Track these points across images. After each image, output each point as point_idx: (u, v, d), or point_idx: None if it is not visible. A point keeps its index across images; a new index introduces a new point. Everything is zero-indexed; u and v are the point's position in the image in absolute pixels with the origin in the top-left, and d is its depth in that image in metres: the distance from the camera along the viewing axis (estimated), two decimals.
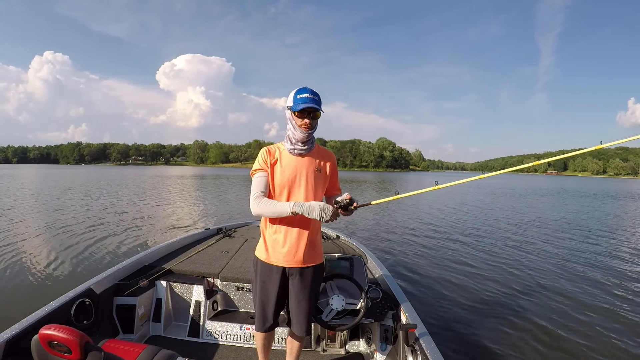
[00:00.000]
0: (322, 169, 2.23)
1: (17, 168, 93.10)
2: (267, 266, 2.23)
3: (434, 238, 10.17)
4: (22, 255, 7.13)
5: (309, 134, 2.14)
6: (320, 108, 2.08)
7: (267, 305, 2.25)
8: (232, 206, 16.36)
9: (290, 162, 2.17)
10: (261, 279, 2.25)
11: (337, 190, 2.41)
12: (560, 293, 5.86)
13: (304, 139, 2.13)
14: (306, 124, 2.08)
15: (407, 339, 2.44)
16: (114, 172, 62.34)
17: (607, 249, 9.29)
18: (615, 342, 4.32)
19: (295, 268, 2.21)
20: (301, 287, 2.24)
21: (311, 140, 2.21)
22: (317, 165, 2.21)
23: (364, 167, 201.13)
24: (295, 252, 2.18)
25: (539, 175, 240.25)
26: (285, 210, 1.99)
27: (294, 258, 2.18)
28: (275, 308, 2.26)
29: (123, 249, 7.95)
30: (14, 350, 1.96)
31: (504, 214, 16.05)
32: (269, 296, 2.24)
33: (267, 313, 2.26)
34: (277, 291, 2.23)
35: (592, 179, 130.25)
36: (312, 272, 2.27)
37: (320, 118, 2.14)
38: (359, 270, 2.96)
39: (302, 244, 2.18)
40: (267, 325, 2.28)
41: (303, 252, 2.19)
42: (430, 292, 5.70)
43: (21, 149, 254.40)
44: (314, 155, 2.23)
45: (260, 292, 2.26)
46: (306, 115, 2.07)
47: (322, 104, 2.12)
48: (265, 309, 2.26)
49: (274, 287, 2.22)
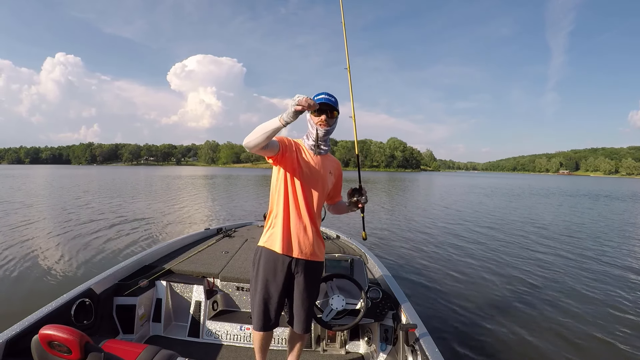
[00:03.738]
0: (333, 173, 2.35)
1: (28, 168, 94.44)
2: (273, 258, 2.20)
3: (434, 238, 10.12)
4: (22, 255, 7.17)
5: (327, 131, 2.19)
6: (336, 107, 2.17)
7: (270, 302, 2.22)
8: (241, 206, 16.42)
9: (313, 159, 2.23)
10: (264, 276, 2.20)
11: (338, 197, 2.56)
12: (561, 294, 5.83)
13: (323, 137, 2.19)
14: (322, 121, 2.14)
15: (407, 339, 2.43)
16: (124, 173, 62.87)
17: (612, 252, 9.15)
18: (615, 343, 4.29)
19: (302, 261, 2.22)
20: (306, 283, 2.25)
21: (328, 143, 2.29)
22: (331, 169, 2.32)
23: (375, 167, 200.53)
24: (305, 243, 2.21)
25: (550, 175, 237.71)
26: (275, 122, 1.83)
27: (303, 249, 2.20)
28: (278, 305, 2.24)
29: (123, 249, 7.99)
30: (14, 350, 1.97)
31: (504, 215, 15.87)
32: (271, 294, 2.21)
33: (269, 312, 2.22)
34: (280, 289, 2.21)
35: (604, 179, 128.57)
36: (317, 269, 2.33)
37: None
38: (359, 270, 2.95)
39: (311, 237, 2.22)
40: (270, 324, 2.25)
41: (312, 245, 2.23)
42: (430, 292, 5.69)
43: (33, 149, 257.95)
44: (328, 159, 2.33)
45: (263, 290, 2.21)
46: (323, 113, 2.14)
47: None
48: (267, 306, 2.22)
49: (278, 285, 2.21)
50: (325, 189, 2.29)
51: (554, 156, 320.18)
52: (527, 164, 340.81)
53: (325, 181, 2.26)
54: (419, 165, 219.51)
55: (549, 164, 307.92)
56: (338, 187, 2.47)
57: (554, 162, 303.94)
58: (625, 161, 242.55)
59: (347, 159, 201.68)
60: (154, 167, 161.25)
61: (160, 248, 3.90)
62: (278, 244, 2.18)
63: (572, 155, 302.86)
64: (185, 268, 3.49)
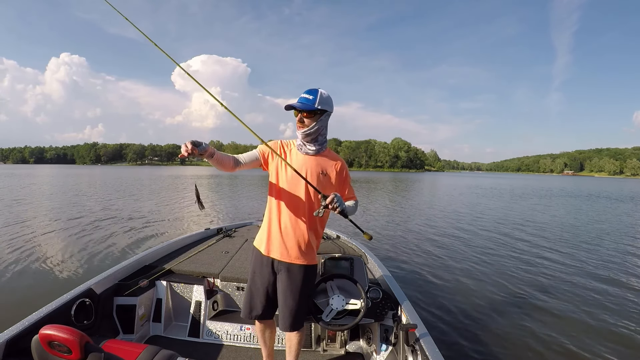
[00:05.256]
0: (327, 174, 2.24)
1: (32, 168, 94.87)
2: (259, 256, 2.31)
3: (434, 238, 10.09)
4: (23, 255, 7.18)
5: (303, 133, 2.17)
6: (305, 107, 2.09)
7: (255, 294, 2.34)
8: (243, 206, 16.46)
9: (297, 159, 2.23)
10: (253, 269, 2.35)
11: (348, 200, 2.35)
12: (561, 294, 5.82)
13: (304, 138, 2.19)
14: (297, 122, 2.15)
15: (407, 339, 2.42)
16: (128, 173, 63.05)
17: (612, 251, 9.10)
18: (616, 343, 4.29)
19: (284, 263, 2.25)
20: (288, 283, 2.25)
21: (320, 142, 2.23)
22: (323, 169, 2.23)
23: (379, 168, 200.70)
24: (286, 246, 2.22)
25: (555, 175, 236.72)
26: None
27: (283, 252, 2.23)
28: (264, 299, 2.32)
29: (123, 249, 8.01)
30: (14, 350, 1.97)
31: (505, 215, 15.79)
32: (257, 286, 2.32)
33: (254, 302, 2.34)
34: (265, 284, 2.30)
35: (609, 180, 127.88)
36: (302, 272, 2.27)
37: (335, 119, 2.12)
38: (359, 270, 2.95)
39: (294, 240, 2.22)
40: (254, 313, 2.34)
41: (294, 248, 2.22)
42: (430, 292, 5.69)
43: (38, 149, 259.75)
44: (322, 158, 2.26)
45: (250, 281, 2.36)
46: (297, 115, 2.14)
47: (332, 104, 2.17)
48: (252, 297, 2.35)
49: (263, 279, 2.30)
50: (310, 191, 2.19)
51: (558, 157, 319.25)
52: (531, 164, 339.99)
53: (313, 182, 2.17)
54: (423, 166, 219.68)
55: (553, 164, 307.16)
56: (341, 189, 2.31)
57: (559, 163, 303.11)
58: (630, 162, 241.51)
59: (352, 159, 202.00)
60: (158, 167, 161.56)
61: (161, 248, 3.90)
62: (263, 245, 2.31)
63: (577, 156, 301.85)
64: (186, 268, 3.49)
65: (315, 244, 2.33)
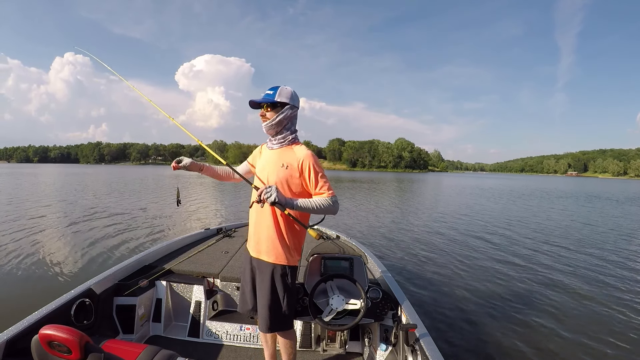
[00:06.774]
0: (288, 165, 2.18)
1: (36, 167, 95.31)
2: (246, 253, 2.43)
3: (435, 238, 10.10)
4: (23, 255, 7.19)
5: (265, 126, 2.23)
6: (265, 100, 2.18)
7: (245, 289, 2.42)
8: (242, 205, 16.38)
9: (264, 156, 2.37)
10: (243, 265, 2.48)
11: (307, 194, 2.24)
12: (562, 294, 5.84)
13: (267, 131, 2.26)
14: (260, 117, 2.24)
15: (407, 339, 2.42)
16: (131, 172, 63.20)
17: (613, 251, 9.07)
18: (616, 343, 4.28)
19: (255, 259, 2.33)
20: (259, 281, 2.30)
21: (283, 136, 2.25)
22: (284, 162, 2.20)
23: (383, 168, 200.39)
24: (256, 242, 2.29)
25: (558, 176, 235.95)
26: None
27: (254, 248, 2.32)
28: (252, 295, 2.37)
29: (123, 249, 8.02)
30: (14, 350, 1.97)
31: (506, 215, 15.78)
32: (246, 281, 2.41)
33: (245, 296, 2.41)
34: (249, 280, 2.38)
35: (613, 181, 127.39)
36: (270, 271, 2.23)
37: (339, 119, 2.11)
38: (359, 270, 2.93)
39: (261, 236, 2.26)
40: (247, 307, 2.39)
41: (261, 244, 2.26)
42: (430, 292, 5.69)
43: (42, 148, 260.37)
44: (286, 151, 2.24)
45: (241, 276, 2.48)
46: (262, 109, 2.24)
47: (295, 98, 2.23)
48: (243, 292, 2.44)
49: (246, 276, 2.40)
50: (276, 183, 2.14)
51: (562, 157, 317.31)
52: (535, 165, 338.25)
53: (273, 174, 2.18)
54: (426, 166, 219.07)
55: (557, 165, 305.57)
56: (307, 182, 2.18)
57: (562, 164, 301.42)
58: (634, 162, 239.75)
59: (355, 159, 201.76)
60: (162, 166, 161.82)
61: (160, 248, 3.90)
62: (248, 243, 2.44)
63: (581, 157, 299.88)
64: (185, 268, 3.50)
65: (290, 242, 2.24)
